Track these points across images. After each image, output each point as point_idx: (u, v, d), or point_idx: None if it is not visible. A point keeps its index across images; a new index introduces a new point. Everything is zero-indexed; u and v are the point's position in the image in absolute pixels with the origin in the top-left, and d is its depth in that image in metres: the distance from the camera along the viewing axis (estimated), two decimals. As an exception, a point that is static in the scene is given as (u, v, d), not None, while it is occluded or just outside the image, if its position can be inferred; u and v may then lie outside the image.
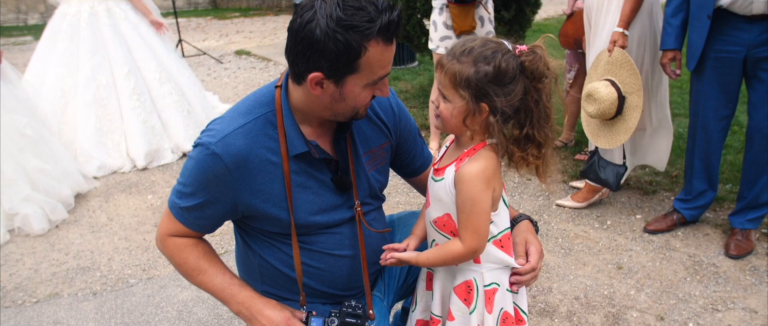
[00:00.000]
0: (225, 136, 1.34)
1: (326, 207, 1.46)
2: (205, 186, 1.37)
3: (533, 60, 1.25)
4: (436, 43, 3.64)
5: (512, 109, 1.27)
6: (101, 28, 4.09)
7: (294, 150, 1.38)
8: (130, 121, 4.08)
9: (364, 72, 1.27)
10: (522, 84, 1.25)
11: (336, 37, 1.21)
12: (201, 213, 1.42)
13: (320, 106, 1.35)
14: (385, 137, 1.57)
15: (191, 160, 1.38)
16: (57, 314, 2.46)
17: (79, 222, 3.32)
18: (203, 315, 2.39)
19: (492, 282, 1.40)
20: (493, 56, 1.23)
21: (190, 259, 1.46)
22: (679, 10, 2.57)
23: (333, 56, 1.23)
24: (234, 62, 7.87)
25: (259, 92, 1.45)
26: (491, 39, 1.29)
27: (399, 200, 3.39)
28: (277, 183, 1.39)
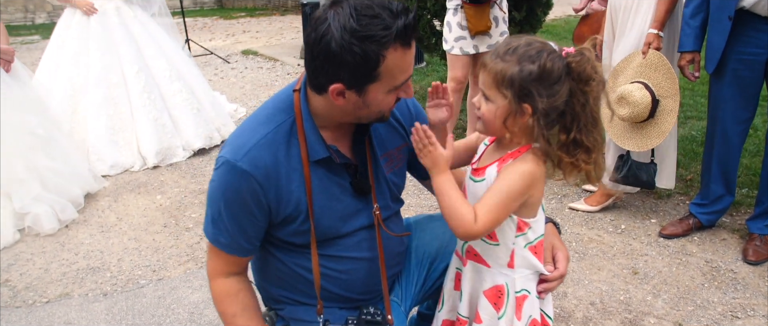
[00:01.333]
0: (249, 150, 1.32)
1: (347, 213, 1.45)
2: (239, 207, 1.35)
3: (580, 62, 1.22)
4: (451, 43, 3.61)
5: (556, 112, 1.24)
6: (111, 26, 4.08)
7: (315, 155, 1.36)
8: (141, 119, 4.07)
9: (384, 79, 1.25)
10: (567, 86, 1.22)
11: (352, 49, 1.18)
12: (244, 237, 1.40)
13: (342, 113, 1.34)
14: (402, 139, 1.55)
15: (218, 182, 1.36)
16: (68, 315, 2.44)
17: (88, 222, 3.31)
18: (214, 317, 2.37)
19: (523, 289, 1.38)
20: (538, 55, 1.21)
21: (228, 310, 1.46)
22: (698, 11, 2.54)
23: (351, 68, 1.21)
24: (241, 62, 7.86)
25: (277, 98, 1.43)
26: (536, 39, 1.26)
27: (410, 202, 3.36)
28: (300, 189, 1.37)
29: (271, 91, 6.16)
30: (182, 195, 3.61)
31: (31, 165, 3.22)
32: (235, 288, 1.47)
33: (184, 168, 4.06)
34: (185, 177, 3.89)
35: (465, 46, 3.60)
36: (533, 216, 1.34)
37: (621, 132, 2.79)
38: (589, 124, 1.25)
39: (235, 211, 1.35)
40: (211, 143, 4.36)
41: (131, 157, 4.04)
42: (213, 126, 4.42)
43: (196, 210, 3.40)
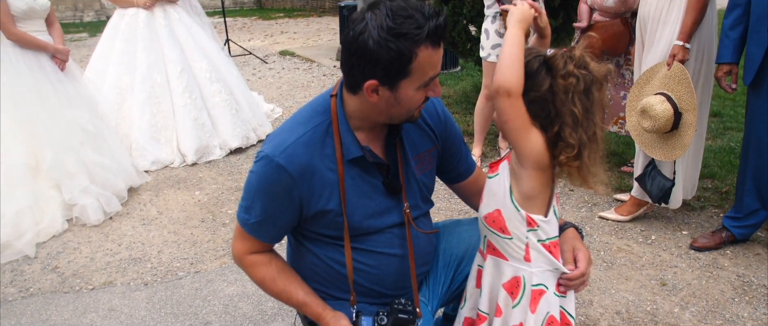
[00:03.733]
0: (287, 147, 1.42)
1: (378, 210, 1.53)
2: (272, 198, 1.45)
3: (555, 57, 1.31)
4: (488, 50, 3.65)
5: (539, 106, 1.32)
6: (157, 28, 4.25)
7: (349, 154, 1.45)
8: (182, 117, 4.23)
9: (416, 75, 1.33)
10: (547, 81, 1.30)
11: (388, 46, 1.27)
12: (272, 225, 1.50)
13: (376, 112, 1.42)
14: (432, 142, 1.63)
15: (256, 174, 1.46)
16: (111, 301, 2.57)
17: (131, 215, 3.46)
18: (248, 310, 2.47)
19: (540, 284, 1.44)
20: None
21: (267, 278, 1.56)
22: (737, 23, 2.52)
23: (386, 64, 1.30)
24: (278, 62, 8.03)
25: (315, 102, 1.53)
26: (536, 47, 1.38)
27: (440, 206, 3.41)
28: (334, 187, 1.46)
29: (307, 91, 6.28)
30: (219, 192, 3.74)
31: (80, 159, 3.39)
32: (267, 258, 1.58)
33: (221, 165, 4.19)
34: (223, 175, 4.02)
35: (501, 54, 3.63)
36: (542, 215, 1.41)
37: (648, 141, 2.79)
38: (571, 120, 1.32)
39: (267, 202, 1.46)
40: (248, 143, 4.50)
41: (171, 153, 4.20)
42: (250, 126, 4.55)
43: (233, 207, 3.52)
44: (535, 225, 1.41)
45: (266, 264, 1.56)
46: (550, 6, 4.22)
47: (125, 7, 4.26)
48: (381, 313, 1.50)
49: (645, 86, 2.79)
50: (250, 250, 1.56)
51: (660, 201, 2.87)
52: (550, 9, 4.30)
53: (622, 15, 3.32)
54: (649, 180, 2.86)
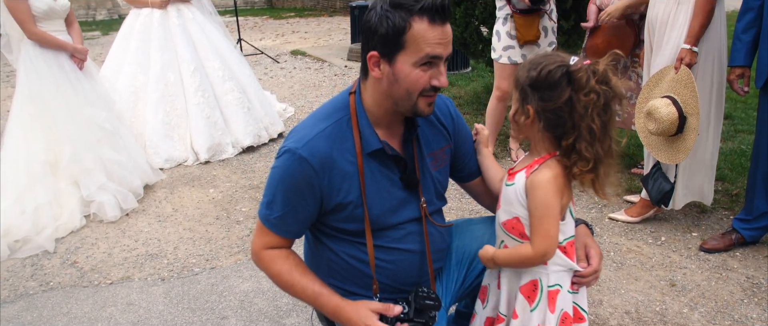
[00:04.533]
0: (309, 141, 1.47)
1: (395, 205, 1.58)
2: (294, 190, 1.49)
3: (580, 71, 1.32)
4: (499, 52, 3.68)
5: (556, 117, 1.35)
6: (171, 28, 4.32)
7: (368, 147, 1.50)
8: (195, 116, 4.29)
9: (410, 49, 1.39)
10: (567, 93, 1.33)
11: (386, 16, 1.38)
12: (294, 218, 1.54)
13: (383, 94, 1.48)
14: (446, 140, 1.68)
15: (278, 168, 1.50)
16: (130, 296, 2.63)
17: (146, 212, 3.52)
18: (263, 306, 2.52)
19: (556, 284, 1.48)
20: (542, 64, 1.36)
21: (283, 273, 1.58)
22: (750, 26, 2.54)
23: (383, 33, 1.38)
24: (290, 62, 8.09)
25: (335, 99, 1.59)
26: (561, 53, 1.39)
27: (451, 205, 3.45)
28: (353, 179, 1.50)
29: (318, 91, 6.33)
30: (233, 190, 3.80)
31: (98, 156, 3.46)
32: (284, 253, 1.61)
33: (235, 163, 4.25)
34: (236, 173, 4.08)
35: (513, 56, 3.67)
36: (562, 220, 1.44)
37: (654, 143, 2.81)
38: (588, 135, 1.34)
39: (290, 195, 1.50)
40: (260, 141, 4.55)
41: (184, 151, 4.27)
42: (262, 125, 4.60)
43: (247, 205, 3.57)
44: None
45: (283, 258, 1.59)
46: (562, 8, 4.24)
47: (140, 7, 4.33)
48: (402, 302, 1.54)
49: (653, 89, 2.81)
50: (268, 245, 1.59)
51: (659, 204, 2.90)
52: (562, 11, 4.33)
53: (629, 17, 3.35)
54: (652, 182, 2.89)
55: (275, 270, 1.59)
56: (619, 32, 3.40)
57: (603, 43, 3.48)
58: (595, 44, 3.53)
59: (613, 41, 3.41)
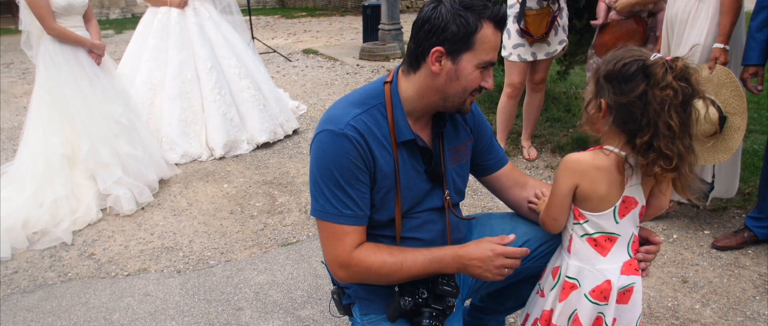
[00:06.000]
0: (347, 122, 1.49)
1: (420, 196, 1.61)
2: (351, 168, 1.48)
3: (657, 66, 1.30)
4: (509, 50, 3.69)
5: (628, 112, 1.32)
6: (188, 26, 4.37)
7: (402, 137, 1.53)
8: (211, 113, 4.34)
9: (477, 50, 1.45)
10: (641, 88, 1.30)
11: (458, 14, 1.43)
12: (363, 201, 1.51)
13: (433, 89, 1.51)
14: (468, 135, 1.72)
15: (325, 153, 1.48)
16: (146, 287, 2.68)
17: (162, 206, 3.57)
18: (278, 298, 2.55)
19: (574, 278, 1.50)
20: (619, 57, 1.35)
21: (386, 258, 1.51)
22: (764, 25, 2.54)
23: (454, 30, 1.43)
24: (302, 60, 8.13)
25: (368, 87, 1.61)
26: (643, 49, 1.37)
27: (464, 202, 3.46)
28: (389, 167, 1.53)
29: (330, 89, 6.37)
30: (247, 185, 3.84)
31: (114, 151, 3.52)
32: (372, 246, 1.54)
33: (248, 160, 4.30)
34: (250, 169, 4.12)
35: (523, 53, 3.68)
36: (593, 211, 1.45)
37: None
38: (668, 131, 1.31)
39: (349, 177, 1.48)
40: (275, 138, 4.59)
41: (200, 148, 4.32)
42: (277, 122, 4.65)
43: (260, 200, 3.61)
44: (580, 219, 1.47)
45: (375, 248, 1.53)
46: (574, 7, 4.24)
47: (158, 6, 4.39)
48: (421, 289, 1.56)
49: None
50: (353, 245, 1.51)
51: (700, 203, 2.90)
52: (575, 10, 4.33)
53: (637, 14, 3.35)
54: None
55: (379, 263, 1.51)
56: (627, 29, 3.41)
57: (612, 40, 3.48)
58: (604, 41, 3.54)
59: (622, 38, 3.41)
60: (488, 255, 1.50)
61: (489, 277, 1.52)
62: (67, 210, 3.28)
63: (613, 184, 1.41)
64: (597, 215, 1.44)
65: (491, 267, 1.50)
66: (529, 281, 1.83)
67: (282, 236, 3.13)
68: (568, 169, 1.43)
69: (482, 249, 1.51)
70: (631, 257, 1.50)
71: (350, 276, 1.54)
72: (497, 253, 1.50)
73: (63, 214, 3.25)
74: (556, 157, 4.09)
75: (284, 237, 3.12)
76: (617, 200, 1.42)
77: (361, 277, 1.54)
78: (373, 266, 1.51)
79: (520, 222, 1.81)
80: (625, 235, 1.48)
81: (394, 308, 1.58)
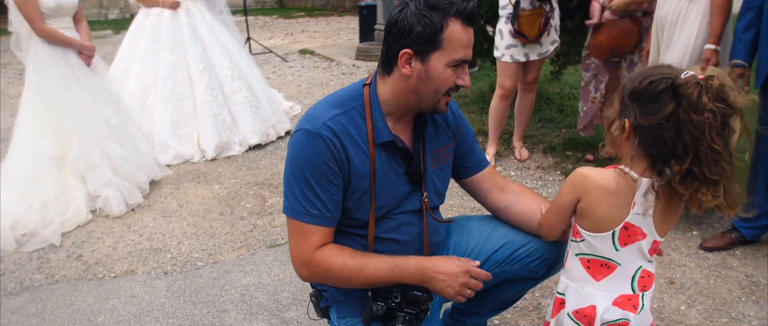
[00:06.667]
0: (325, 122, 1.49)
1: (399, 198, 1.60)
2: (322, 168, 1.48)
3: (689, 86, 1.18)
4: (502, 50, 3.69)
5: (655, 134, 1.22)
6: (180, 27, 4.37)
7: (380, 138, 1.53)
8: (203, 114, 4.34)
9: (446, 49, 1.44)
10: (669, 109, 1.19)
11: (422, 15, 1.42)
12: (332, 202, 1.50)
13: (407, 91, 1.51)
14: (449, 139, 1.72)
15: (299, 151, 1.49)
16: (133, 289, 2.68)
17: (152, 207, 3.57)
18: (263, 300, 2.55)
19: (563, 294, 1.48)
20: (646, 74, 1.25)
21: (348, 261, 1.51)
22: (750, 26, 2.54)
23: (420, 31, 1.43)
24: (298, 61, 8.13)
25: (348, 88, 1.61)
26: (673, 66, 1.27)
27: (453, 203, 3.46)
28: (365, 168, 1.53)
29: (326, 90, 6.37)
30: (238, 187, 3.84)
31: (104, 152, 3.51)
32: (335, 246, 1.54)
33: (240, 161, 4.29)
34: (241, 170, 4.12)
35: (515, 54, 3.67)
36: (591, 231, 1.38)
37: None
38: (712, 156, 1.20)
39: (320, 177, 1.47)
40: (267, 139, 4.59)
41: (191, 149, 4.32)
42: (269, 123, 4.64)
43: (250, 201, 3.61)
44: (578, 237, 1.42)
45: (338, 250, 1.53)
46: (566, 7, 4.23)
47: (150, 7, 4.39)
48: (395, 293, 1.56)
49: None
50: (317, 245, 1.51)
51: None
52: (567, 10, 4.32)
53: (632, 13, 3.35)
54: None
55: (339, 265, 1.51)
56: (622, 29, 3.40)
57: (606, 39, 3.47)
58: (598, 41, 3.53)
59: (616, 38, 3.41)
60: (455, 270, 1.50)
61: (450, 294, 1.50)
62: (57, 211, 3.28)
63: (617, 208, 1.32)
64: (594, 235, 1.37)
65: (455, 283, 1.50)
66: (509, 284, 1.83)
67: (271, 237, 3.13)
68: (573, 183, 1.38)
69: (450, 264, 1.51)
70: (634, 292, 1.39)
71: (311, 275, 1.54)
72: (464, 270, 1.50)
73: (52, 216, 3.25)
74: (548, 158, 4.09)
75: (273, 238, 3.12)
76: (618, 225, 1.33)
77: (322, 277, 1.54)
78: (334, 267, 1.51)
79: (499, 225, 1.80)
80: (628, 267, 1.38)
81: (367, 313, 1.59)
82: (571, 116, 4.74)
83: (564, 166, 3.90)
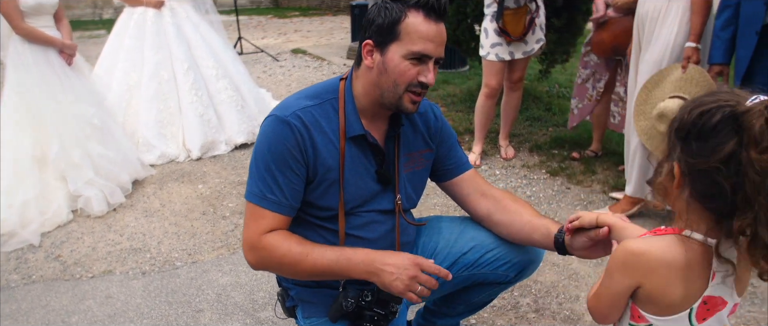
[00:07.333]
0: (294, 111, 1.49)
1: (368, 195, 1.59)
2: (285, 157, 1.47)
3: (752, 114, 0.89)
4: (487, 49, 3.67)
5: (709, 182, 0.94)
6: (165, 26, 4.35)
7: (351, 131, 1.52)
8: (188, 114, 4.32)
9: (403, 40, 1.43)
10: (729, 147, 0.90)
11: (384, 6, 1.45)
12: (290, 190, 1.48)
13: (371, 84, 1.50)
14: (426, 144, 1.69)
15: (264, 136, 1.49)
16: (109, 289, 2.66)
17: (134, 207, 3.55)
18: (239, 299, 2.53)
19: None
20: (699, 102, 0.96)
21: (293, 246, 1.48)
22: (728, 24, 2.53)
23: (380, 22, 1.45)
24: (289, 60, 8.11)
25: (325, 82, 1.62)
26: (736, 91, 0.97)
27: (436, 202, 3.45)
28: (334, 160, 1.52)
29: (315, 89, 6.35)
30: (222, 186, 3.82)
31: (86, 152, 3.49)
32: (284, 232, 1.51)
33: (226, 160, 4.28)
34: (226, 169, 4.10)
35: (501, 52, 3.66)
36: (660, 315, 1.07)
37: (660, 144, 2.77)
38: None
39: (281, 163, 1.46)
40: (253, 138, 4.57)
41: (177, 149, 4.30)
42: (256, 122, 4.62)
43: (234, 200, 3.59)
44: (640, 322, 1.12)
45: (286, 235, 1.50)
46: (552, 6, 4.22)
47: (134, 6, 4.37)
48: (366, 292, 1.54)
49: (654, 89, 2.76)
50: (266, 229, 1.49)
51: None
52: (553, 9, 4.31)
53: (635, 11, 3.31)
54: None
55: (283, 249, 1.47)
56: (626, 27, 3.35)
57: (609, 37, 3.44)
58: (601, 39, 3.49)
59: (620, 36, 3.37)
60: (405, 262, 1.44)
61: (399, 288, 1.43)
62: (37, 211, 3.25)
63: (693, 282, 1.02)
64: (664, 319, 1.06)
65: (404, 276, 1.43)
66: (479, 287, 1.81)
67: (251, 237, 3.11)
68: (627, 264, 1.05)
69: (400, 257, 1.46)
70: None
71: (257, 259, 1.51)
72: (414, 263, 1.45)
73: (32, 216, 3.23)
74: (534, 156, 4.08)
75: (253, 238, 3.10)
76: (695, 302, 1.03)
77: (267, 262, 1.51)
78: (278, 251, 1.47)
79: (469, 227, 1.78)
80: None
81: (336, 308, 1.56)
82: (559, 115, 4.72)
83: (549, 165, 3.89)
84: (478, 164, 3.96)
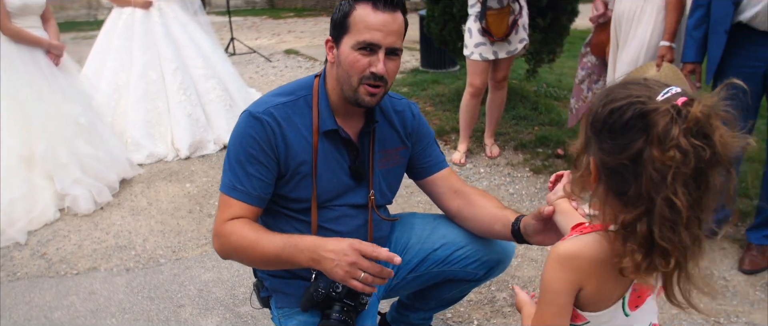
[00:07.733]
0: (267, 108, 1.54)
1: (341, 189, 1.63)
2: (254, 150, 1.52)
3: (659, 112, 0.86)
4: (471, 49, 3.71)
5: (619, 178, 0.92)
6: (153, 26, 4.38)
7: (324, 126, 1.57)
8: (177, 114, 4.35)
9: (352, 32, 1.48)
10: (638, 145, 0.88)
11: (341, 2, 1.51)
12: (259, 181, 1.53)
13: (334, 79, 1.56)
14: (401, 142, 1.72)
15: (237, 130, 1.55)
16: (92, 285, 2.69)
17: (121, 205, 3.59)
18: (221, 295, 2.57)
19: None
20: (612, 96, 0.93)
21: (247, 233, 1.49)
22: (700, 23, 2.58)
23: (334, 18, 1.52)
24: (282, 61, 8.15)
25: (301, 80, 1.67)
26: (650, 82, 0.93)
27: (420, 199, 3.49)
28: (307, 152, 1.57)
29: (305, 89, 6.38)
30: (209, 185, 3.85)
31: (73, 151, 3.52)
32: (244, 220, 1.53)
33: (214, 159, 4.31)
34: (214, 168, 4.14)
35: (484, 52, 3.70)
36: (596, 310, 1.06)
37: None
38: (669, 213, 0.87)
39: (250, 157, 1.52)
40: (242, 137, 4.60)
41: (165, 148, 4.33)
42: (244, 122, 4.65)
43: (220, 199, 3.63)
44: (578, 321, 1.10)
45: (244, 223, 1.51)
46: (536, 6, 4.27)
47: (122, 6, 4.40)
48: (337, 283, 1.53)
49: None
50: (231, 216, 1.52)
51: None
52: (537, 9, 4.35)
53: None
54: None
55: (238, 236, 1.48)
56: None
57: (608, 38, 3.45)
58: (600, 40, 3.45)
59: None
60: (343, 247, 1.36)
61: (339, 274, 1.36)
62: (23, 210, 3.28)
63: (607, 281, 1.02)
64: (599, 315, 1.06)
65: (344, 262, 1.35)
66: (450, 284, 1.85)
67: (235, 234, 3.14)
68: (566, 267, 1.01)
69: (340, 242, 1.39)
70: None
71: (220, 246, 1.55)
72: (354, 248, 1.36)
73: (18, 215, 3.26)
74: (518, 155, 4.12)
75: (237, 235, 3.14)
76: (625, 292, 1.04)
77: (228, 249, 1.54)
78: (233, 237, 1.49)
79: (441, 224, 1.81)
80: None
81: (307, 297, 1.59)
82: (545, 114, 4.76)
83: (533, 163, 3.93)
84: (464, 162, 4.00)
